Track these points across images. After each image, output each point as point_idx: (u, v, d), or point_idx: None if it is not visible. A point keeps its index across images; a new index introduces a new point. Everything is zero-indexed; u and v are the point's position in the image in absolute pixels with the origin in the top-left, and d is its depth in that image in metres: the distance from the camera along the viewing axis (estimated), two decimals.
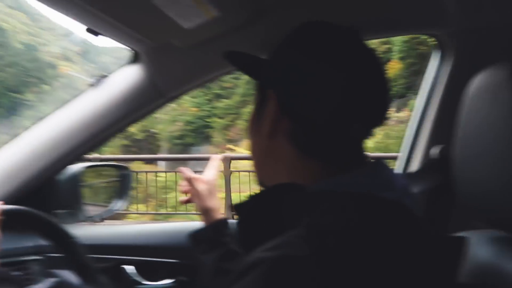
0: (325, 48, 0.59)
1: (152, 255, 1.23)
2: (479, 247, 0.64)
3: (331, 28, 0.62)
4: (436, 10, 1.01)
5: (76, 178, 1.30)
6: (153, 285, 1.21)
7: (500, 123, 0.54)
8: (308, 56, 0.59)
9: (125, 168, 1.57)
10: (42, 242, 1.08)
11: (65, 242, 0.94)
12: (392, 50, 19.12)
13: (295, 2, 0.92)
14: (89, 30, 0.82)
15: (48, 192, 1.23)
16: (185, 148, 22.67)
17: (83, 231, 1.29)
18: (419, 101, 1.23)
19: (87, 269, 0.96)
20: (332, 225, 0.46)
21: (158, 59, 1.00)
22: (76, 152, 1.12)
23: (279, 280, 0.41)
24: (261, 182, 0.69)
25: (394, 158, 1.30)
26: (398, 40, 17.39)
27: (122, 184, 1.54)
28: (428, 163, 1.14)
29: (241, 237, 0.57)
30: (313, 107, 0.58)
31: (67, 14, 0.77)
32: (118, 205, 1.51)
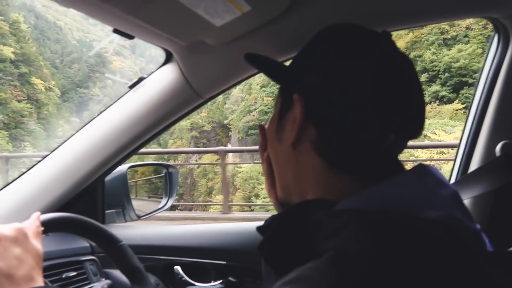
0: (357, 52, 0.55)
1: (199, 256, 1.23)
2: None
3: (363, 31, 0.58)
4: None
5: (122, 179, 1.34)
6: (202, 287, 1.22)
7: None
8: (339, 61, 0.55)
9: (172, 166, 1.60)
10: None
11: (111, 246, 0.96)
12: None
13: None
14: (118, 32, 0.81)
15: (97, 194, 1.28)
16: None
17: (130, 232, 1.32)
18: (478, 92, 1.10)
19: (136, 271, 0.97)
20: (357, 256, 0.40)
21: (191, 58, 0.98)
22: (120, 154, 1.15)
23: None
24: (281, 194, 0.64)
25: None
26: None
27: (169, 182, 1.57)
28: (491, 160, 1.02)
29: (267, 259, 0.52)
30: (344, 114, 0.53)
31: (96, 18, 0.77)
32: (166, 203, 1.54)
